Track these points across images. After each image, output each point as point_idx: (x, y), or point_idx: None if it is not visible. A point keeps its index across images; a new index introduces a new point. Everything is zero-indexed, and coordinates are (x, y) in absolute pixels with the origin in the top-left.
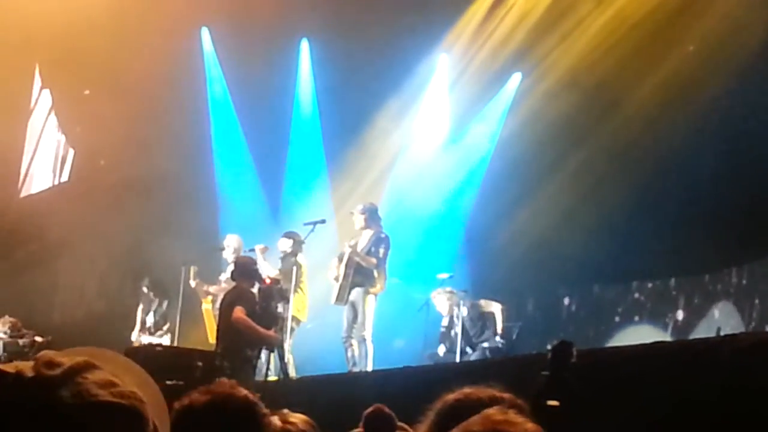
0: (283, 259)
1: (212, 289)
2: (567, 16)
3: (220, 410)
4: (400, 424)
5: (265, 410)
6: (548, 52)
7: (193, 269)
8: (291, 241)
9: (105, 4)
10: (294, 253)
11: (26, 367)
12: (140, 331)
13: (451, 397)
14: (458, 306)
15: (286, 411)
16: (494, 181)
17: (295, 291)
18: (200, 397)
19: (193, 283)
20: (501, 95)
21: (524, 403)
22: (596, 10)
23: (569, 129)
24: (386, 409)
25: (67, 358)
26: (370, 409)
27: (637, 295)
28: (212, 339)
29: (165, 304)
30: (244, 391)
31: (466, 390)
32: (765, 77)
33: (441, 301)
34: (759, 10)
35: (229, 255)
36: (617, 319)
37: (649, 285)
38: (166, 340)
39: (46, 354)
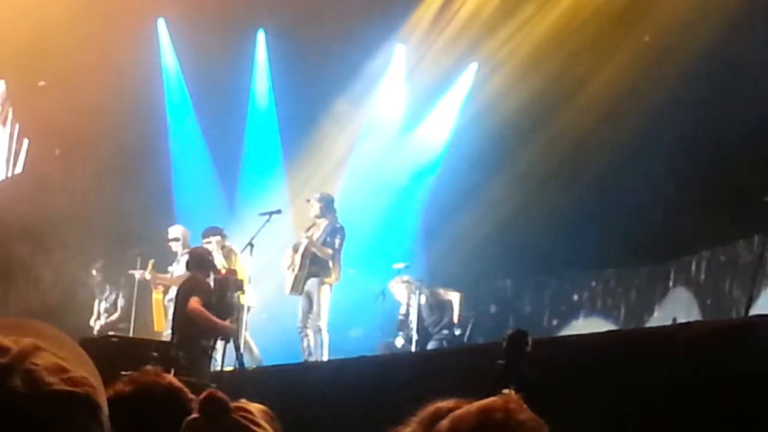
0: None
1: (165, 280)
2: (523, 7)
3: (146, 399)
4: (241, 404)
5: (191, 396)
6: (505, 41)
7: (151, 262)
8: (218, 237)
9: None
10: (222, 245)
11: None
12: (96, 318)
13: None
14: (416, 294)
15: (243, 401)
16: (450, 171)
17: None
18: (124, 387)
19: (148, 276)
20: (457, 85)
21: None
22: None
23: (525, 119)
24: (220, 393)
25: (8, 341)
26: (203, 395)
27: (593, 285)
28: (158, 328)
29: (114, 292)
30: (168, 378)
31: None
32: (721, 67)
33: (399, 289)
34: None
35: (177, 246)
36: (572, 309)
37: (605, 275)
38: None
39: None
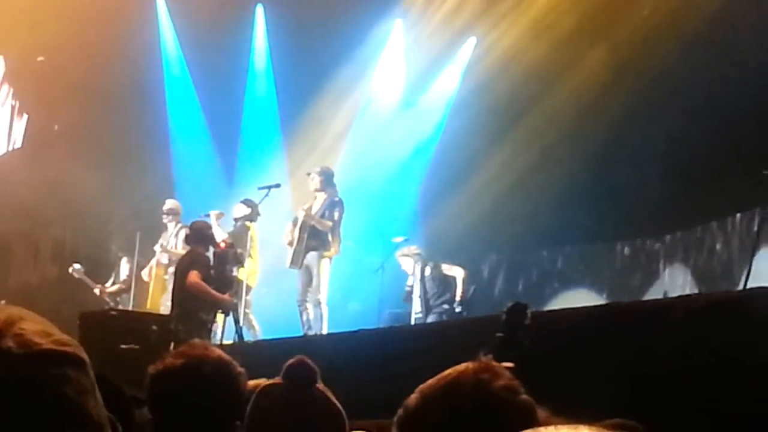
0: (235, 224)
1: (173, 254)
2: None
3: (196, 372)
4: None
5: (240, 369)
6: (502, 17)
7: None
8: (249, 210)
9: None
10: (248, 219)
11: None
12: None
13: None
14: (422, 266)
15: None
16: (449, 146)
17: (246, 257)
18: (175, 360)
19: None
20: (456, 60)
21: None
22: None
23: (523, 94)
24: (309, 361)
25: None
26: (292, 360)
27: (589, 259)
28: (151, 306)
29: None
30: (217, 352)
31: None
32: (719, 41)
33: (406, 261)
34: None
35: (169, 220)
36: (568, 283)
37: (602, 249)
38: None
39: None
